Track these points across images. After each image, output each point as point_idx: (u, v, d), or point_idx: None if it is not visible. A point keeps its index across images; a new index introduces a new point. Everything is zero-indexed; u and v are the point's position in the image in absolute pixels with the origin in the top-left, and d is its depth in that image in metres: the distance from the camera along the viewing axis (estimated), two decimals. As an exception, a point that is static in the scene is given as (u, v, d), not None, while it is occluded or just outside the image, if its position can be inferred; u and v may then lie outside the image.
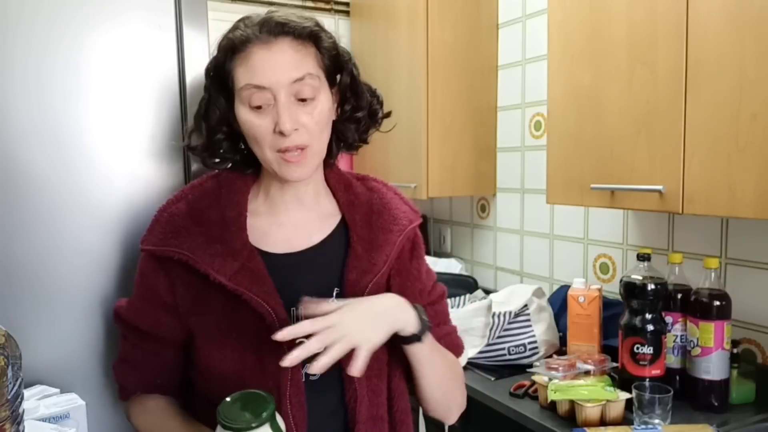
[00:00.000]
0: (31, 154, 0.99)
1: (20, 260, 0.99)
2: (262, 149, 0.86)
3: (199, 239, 0.86)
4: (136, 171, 1.08)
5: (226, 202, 0.90)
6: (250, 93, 0.83)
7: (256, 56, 0.83)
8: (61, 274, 1.02)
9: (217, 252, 0.85)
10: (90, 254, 1.04)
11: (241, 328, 0.85)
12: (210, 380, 0.87)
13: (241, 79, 0.84)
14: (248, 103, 0.84)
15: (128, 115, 1.07)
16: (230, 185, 0.92)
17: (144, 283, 0.91)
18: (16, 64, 0.97)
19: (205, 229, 0.87)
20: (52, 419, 0.92)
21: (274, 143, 0.84)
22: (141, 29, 1.07)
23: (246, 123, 0.85)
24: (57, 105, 1.00)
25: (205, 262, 0.84)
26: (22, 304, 0.99)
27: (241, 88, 0.84)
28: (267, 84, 0.83)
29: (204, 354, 0.87)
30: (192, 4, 1.11)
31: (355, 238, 0.92)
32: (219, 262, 0.84)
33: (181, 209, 0.90)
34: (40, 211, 1.00)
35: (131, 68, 1.06)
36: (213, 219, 0.88)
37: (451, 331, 1.06)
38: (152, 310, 0.90)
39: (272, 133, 0.84)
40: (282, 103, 0.83)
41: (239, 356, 0.85)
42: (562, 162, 1.60)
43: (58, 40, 1.00)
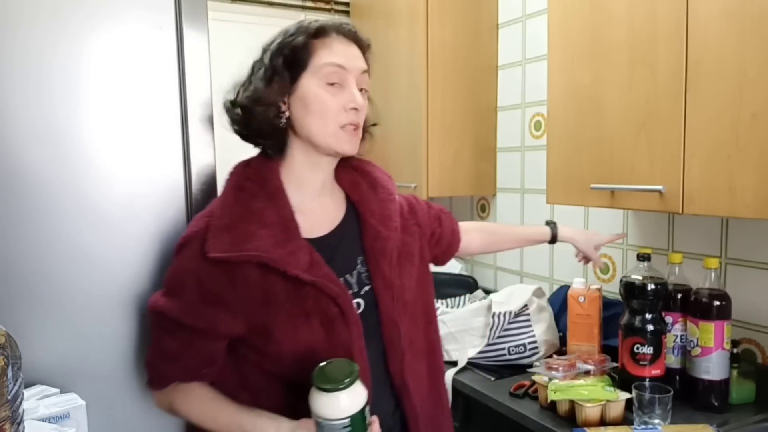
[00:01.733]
0: (31, 153, 0.99)
1: (20, 260, 0.99)
2: (325, 123, 0.99)
3: (269, 241, 0.95)
4: (136, 171, 1.08)
5: (277, 203, 1.00)
6: (331, 70, 0.98)
7: (338, 44, 0.99)
8: (60, 274, 1.02)
9: (290, 250, 0.96)
10: (90, 254, 1.04)
11: (311, 311, 0.97)
12: (284, 362, 0.98)
13: (323, 58, 0.98)
14: (325, 79, 0.98)
15: (128, 115, 1.07)
16: (270, 183, 1.02)
17: (201, 286, 0.96)
18: (16, 63, 0.97)
19: (270, 230, 0.96)
20: (52, 419, 0.92)
21: (339, 118, 0.99)
22: (141, 29, 1.07)
23: (318, 96, 0.98)
24: (56, 105, 1.00)
25: (283, 261, 0.95)
26: (22, 304, 0.99)
27: (323, 64, 0.98)
28: (347, 65, 0.99)
29: (278, 341, 0.97)
30: (192, 4, 1.11)
31: (367, 213, 1.09)
32: (294, 258, 0.96)
33: (239, 214, 0.98)
34: (39, 211, 1.00)
35: (131, 68, 1.06)
36: (273, 220, 0.98)
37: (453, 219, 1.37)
38: (211, 310, 0.97)
39: (341, 109, 0.98)
40: (353, 86, 0.99)
41: (311, 336, 0.98)
42: (562, 162, 1.60)
43: (57, 40, 1.00)
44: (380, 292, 1.05)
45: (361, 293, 1.05)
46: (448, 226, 1.34)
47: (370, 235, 1.07)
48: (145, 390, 1.09)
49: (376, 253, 1.06)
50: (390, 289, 1.06)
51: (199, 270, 0.96)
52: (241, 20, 2.47)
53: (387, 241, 1.08)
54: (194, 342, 0.99)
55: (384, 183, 1.14)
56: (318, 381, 0.87)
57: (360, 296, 1.05)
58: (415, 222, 1.19)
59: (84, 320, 1.04)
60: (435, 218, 1.30)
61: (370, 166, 1.17)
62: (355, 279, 1.05)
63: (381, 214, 1.09)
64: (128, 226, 1.07)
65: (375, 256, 1.06)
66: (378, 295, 1.05)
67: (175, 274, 1.00)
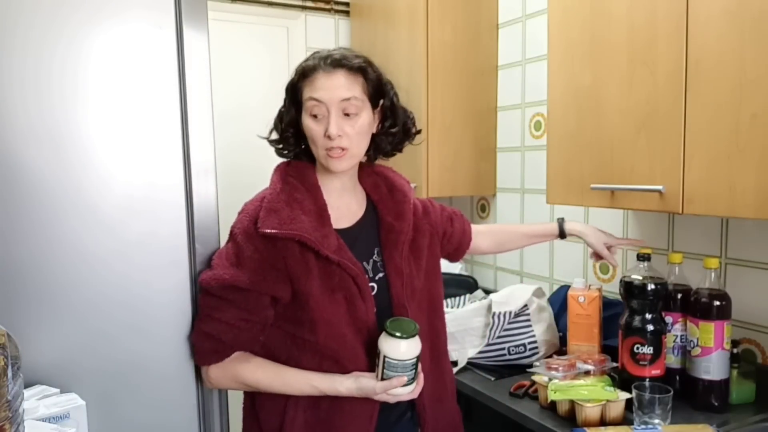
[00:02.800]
0: (30, 154, 0.99)
1: (20, 261, 0.99)
2: (316, 147, 1.19)
3: (309, 225, 1.15)
4: (136, 171, 1.08)
5: (314, 196, 1.20)
6: (312, 104, 1.16)
7: (320, 80, 1.16)
8: (60, 274, 1.02)
9: (324, 234, 1.16)
10: (90, 254, 1.04)
11: (337, 286, 1.16)
12: (317, 330, 1.16)
13: (306, 93, 1.17)
14: (309, 111, 1.17)
15: (128, 115, 1.07)
16: (308, 181, 1.21)
17: (260, 256, 1.14)
18: (15, 63, 0.97)
19: (308, 217, 1.16)
20: (52, 419, 0.92)
21: (323, 143, 1.17)
22: (141, 29, 1.07)
23: (306, 127, 1.18)
24: (56, 105, 1.00)
25: (318, 242, 1.14)
26: (22, 304, 0.99)
27: (305, 99, 1.17)
28: (324, 98, 1.15)
29: (312, 308, 1.15)
30: (192, 4, 1.11)
31: (384, 211, 1.28)
32: (326, 241, 1.15)
33: (284, 200, 1.17)
34: (39, 212, 1.00)
35: (131, 68, 1.06)
36: (311, 208, 1.18)
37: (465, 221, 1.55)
38: (271, 274, 1.14)
39: (323, 136, 1.15)
40: (332, 115, 1.15)
41: (337, 308, 1.16)
42: (562, 162, 1.60)
43: (57, 40, 1.00)
44: (392, 277, 1.23)
45: (376, 279, 1.23)
46: (459, 226, 1.50)
47: (385, 229, 1.26)
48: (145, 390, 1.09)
49: (390, 244, 1.25)
50: (400, 276, 1.23)
51: (256, 243, 1.14)
52: (241, 20, 2.47)
53: (399, 235, 1.26)
54: (258, 308, 1.15)
55: (400, 187, 1.33)
56: (394, 329, 1.12)
57: (374, 281, 1.22)
58: (428, 222, 1.36)
59: (84, 320, 1.04)
60: (447, 219, 1.48)
61: (391, 172, 1.37)
62: (371, 266, 1.23)
63: (396, 212, 1.28)
64: (128, 226, 1.07)
65: (389, 247, 1.25)
66: (390, 280, 1.23)
67: (235, 250, 1.15)
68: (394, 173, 1.38)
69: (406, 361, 1.13)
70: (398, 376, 1.13)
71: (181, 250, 1.13)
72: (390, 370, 1.12)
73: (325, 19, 2.67)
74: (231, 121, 2.23)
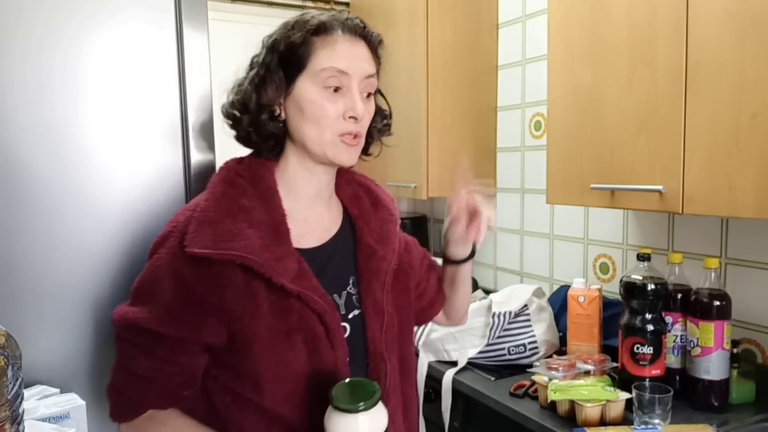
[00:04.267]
0: (31, 153, 0.99)
1: (20, 260, 0.99)
2: (321, 130, 0.90)
3: (257, 242, 0.86)
4: (136, 170, 1.08)
5: (268, 203, 0.91)
6: (330, 75, 0.88)
7: (342, 44, 0.90)
8: (60, 274, 1.02)
9: (279, 255, 0.87)
10: (90, 254, 1.04)
11: (294, 328, 0.87)
12: (261, 385, 0.87)
13: (323, 61, 0.88)
14: (323, 83, 0.88)
15: (128, 115, 1.07)
16: (263, 182, 0.92)
17: (183, 286, 0.85)
18: (16, 63, 0.97)
19: (258, 231, 0.87)
20: (52, 419, 0.92)
21: (337, 126, 0.89)
22: (141, 28, 1.07)
23: (315, 102, 0.89)
24: (56, 104, 1.00)
25: (269, 266, 0.85)
26: (22, 304, 0.99)
27: (322, 69, 0.88)
28: (349, 70, 0.89)
29: (256, 356, 0.86)
30: (192, 4, 1.11)
31: (365, 230, 1.00)
32: (282, 265, 0.86)
33: (226, 209, 0.88)
34: (39, 211, 1.00)
35: (131, 68, 1.06)
36: (263, 221, 0.88)
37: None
38: (195, 313, 0.86)
39: (339, 116, 0.89)
40: (355, 92, 0.90)
41: (293, 357, 0.88)
42: (562, 162, 1.60)
43: (57, 39, 1.00)
44: (369, 318, 0.96)
45: (349, 317, 0.95)
46: (435, 283, 1.19)
47: (364, 253, 0.98)
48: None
49: (370, 273, 0.97)
50: (380, 315, 0.96)
51: (179, 268, 0.85)
52: (241, 20, 2.47)
53: (382, 262, 0.98)
54: (175, 357, 0.86)
55: (386, 203, 1.06)
56: (336, 400, 0.79)
57: (347, 320, 0.94)
58: (408, 261, 1.09)
59: (84, 320, 1.04)
60: (427, 268, 1.18)
61: (374, 185, 1.09)
62: (344, 300, 0.95)
63: (379, 233, 1.01)
64: (128, 225, 1.07)
65: (368, 276, 0.97)
66: (366, 321, 0.96)
67: (150, 278, 0.88)
68: (378, 186, 1.10)
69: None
70: None
71: (181, 250, 1.13)
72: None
73: (325, 19, 2.67)
74: (231, 121, 2.23)
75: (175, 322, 0.86)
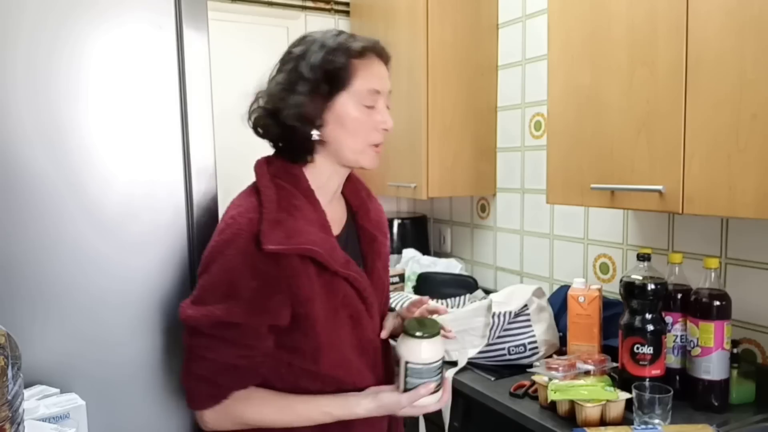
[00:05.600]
0: (32, 154, 0.99)
1: (20, 260, 0.99)
2: (356, 140, 1.05)
3: (317, 237, 1.01)
4: (136, 171, 1.08)
5: (312, 201, 1.05)
6: (369, 94, 1.04)
7: (377, 67, 1.05)
8: (61, 274, 1.02)
9: (330, 247, 1.03)
10: (90, 254, 1.04)
11: (341, 304, 1.05)
12: (321, 354, 1.03)
13: (365, 83, 1.03)
14: (362, 101, 1.04)
15: (128, 115, 1.07)
16: (301, 185, 1.06)
17: (263, 279, 0.98)
18: (17, 64, 0.97)
19: (312, 227, 1.02)
20: (52, 419, 0.92)
21: (370, 137, 1.06)
22: (141, 29, 1.07)
23: (354, 118, 1.04)
24: (57, 105, 1.00)
25: (329, 256, 1.01)
26: (22, 304, 0.99)
27: (363, 89, 1.03)
28: (381, 89, 1.05)
29: (317, 332, 1.02)
30: (192, 4, 1.11)
31: (365, 219, 1.17)
32: (335, 255, 1.03)
33: (285, 209, 1.01)
34: (40, 211, 1.00)
35: (131, 68, 1.06)
36: (312, 218, 1.03)
37: None
38: (274, 300, 0.99)
39: (373, 129, 1.05)
40: (385, 109, 1.07)
41: (342, 329, 1.06)
42: (562, 162, 1.60)
43: (58, 40, 1.00)
44: (375, 292, 1.12)
45: None
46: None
47: (366, 238, 1.16)
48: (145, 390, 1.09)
49: (373, 255, 1.15)
50: (382, 290, 1.15)
51: (256, 264, 0.97)
52: (241, 20, 2.47)
53: (382, 246, 1.16)
54: (258, 343, 1.00)
55: (375, 196, 1.24)
56: (414, 329, 1.00)
57: None
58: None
59: (84, 320, 1.04)
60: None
61: (361, 178, 1.25)
62: None
63: (376, 221, 1.19)
64: (128, 225, 1.07)
65: (372, 257, 1.14)
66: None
67: (226, 278, 0.98)
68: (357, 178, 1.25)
69: (432, 364, 1.00)
70: (424, 383, 0.99)
71: (181, 250, 1.13)
72: (414, 377, 0.99)
73: (325, 19, 2.67)
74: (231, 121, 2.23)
75: (261, 311, 0.98)
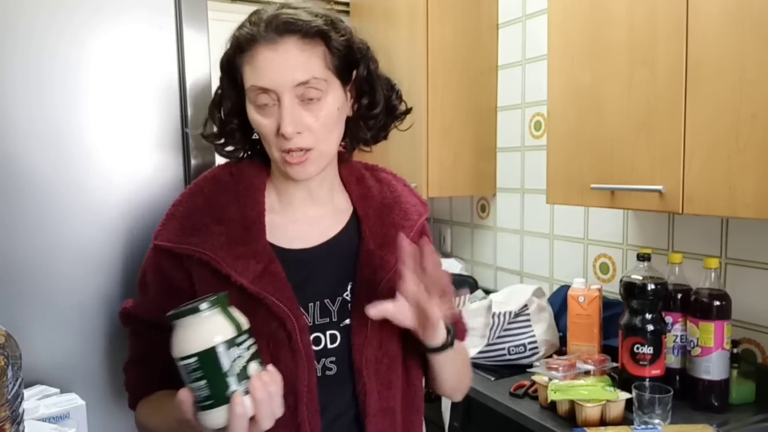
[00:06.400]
0: (31, 154, 0.99)
1: (20, 260, 0.99)
2: (269, 148, 0.86)
3: (220, 238, 0.84)
4: (136, 171, 1.08)
5: (246, 201, 0.88)
6: (256, 94, 0.83)
7: (261, 57, 0.82)
8: (61, 274, 1.02)
9: (240, 253, 0.84)
10: (90, 254, 1.04)
11: (257, 331, 0.80)
12: None
13: (248, 79, 0.84)
14: (253, 102, 0.84)
15: (128, 115, 1.07)
16: (247, 181, 0.91)
17: (162, 276, 0.88)
18: (16, 64, 0.97)
19: (225, 228, 0.85)
20: (52, 419, 0.92)
21: (278, 143, 0.84)
22: (141, 29, 1.07)
23: (253, 121, 0.86)
24: (57, 105, 1.00)
25: (228, 264, 0.83)
26: (22, 304, 0.99)
27: (248, 88, 0.84)
28: (271, 86, 0.82)
29: None
30: (192, 4, 1.11)
31: (368, 233, 0.93)
32: (242, 263, 0.83)
33: (198, 204, 0.88)
34: (40, 211, 1.00)
35: (131, 68, 1.06)
36: (233, 218, 0.86)
37: (459, 318, 1.06)
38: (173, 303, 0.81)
39: (275, 134, 0.84)
40: (285, 106, 0.82)
41: None
42: (562, 162, 1.60)
43: (57, 40, 1.00)
44: (354, 328, 0.88)
45: (341, 325, 0.89)
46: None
47: (363, 257, 0.91)
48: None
49: (364, 280, 0.90)
50: (363, 327, 0.87)
51: (159, 260, 0.87)
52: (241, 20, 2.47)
53: (379, 270, 0.90)
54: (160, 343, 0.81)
55: (405, 205, 0.98)
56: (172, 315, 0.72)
57: (339, 328, 0.88)
58: None
59: (84, 320, 1.04)
60: None
61: (401, 184, 1.02)
62: (338, 306, 0.89)
63: (384, 237, 0.93)
64: (128, 226, 1.07)
65: (362, 283, 0.90)
66: (353, 331, 0.88)
67: (141, 270, 0.92)
68: (405, 186, 1.03)
69: (183, 360, 0.70)
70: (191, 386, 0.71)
71: (181, 250, 1.13)
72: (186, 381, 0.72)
73: (325, 19, 2.67)
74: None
75: (157, 310, 0.83)
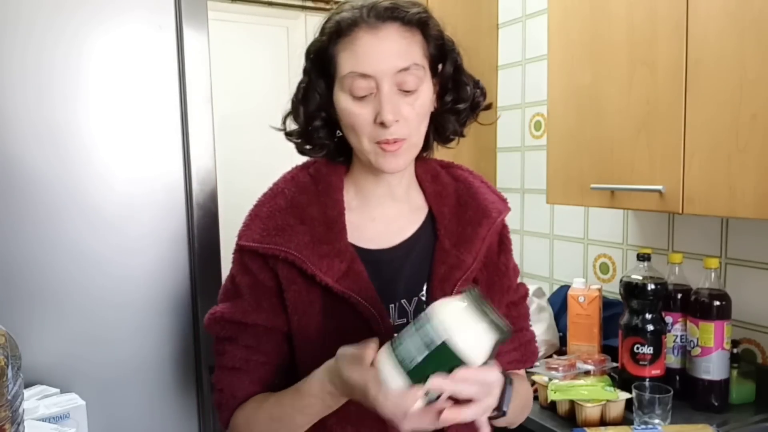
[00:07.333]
0: (31, 154, 0.99)
1: (20, 260, 0.99)
2: (359, 139, 0.83)
3: (304, 238, 0.83)
4: (136, 171, 1.08)
5: (326, 200, 0.87)
6: (353, 81, 0.80)
7: (362, 42, 0.79)
8: (60, 274, 1.02)
9: (324, 252, 0.83)
10: (90, 254, 1.04)
11: (342, 331, 0.81)
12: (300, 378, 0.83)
13: (346, 66, 0.80)
14: (350, 91, 0.81)
15: (128, 115, 1.07)
16: (326, 181, 0.89)
17: (252, 277, 0.86)
18: (16, 64, 0.97)
19: (308, 227, 0.84)
20: (52, 419, 0.92)
21: (373, 134, 0.81)
22: (141, 29, 1.07)
23: (345, 111, 0.82)
24: (57, 105, 1.00)
25: (313, 263, 0.82)
26: (22, 304, 0.99)
27: (344, 75, 0.81)
28: (372, 72, 0.79)
29: (302, 354, 0.85)
30: (192, 4, 1.11)
31: (442, 231, 0.90)
32: (327, 262, 0.83)
33: (281, 205, 0.86)
34: (39, 212, 1.00)
35: (131, 68, 1.06)
36: (315, 217, 0.85)
37: (531, 339, 1.03)
38: (269, 302, 0.85)
39: (372, 123, 0.81)
40: (385, 94, 0.79)
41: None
42: (562, 162, 1.60)
43: (58, 41, 1.00)
44: None
45: None
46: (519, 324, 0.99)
47: (438, 257, 0.89)
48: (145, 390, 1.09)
49: (439, 280, 0.87)
50: None
51: (246, 262, 0.86)
52: (241, 20, 2.47)
53: (455, 269, 0.88)
54: (261, 345, 0.86)
55: (483, 203, 0.94)
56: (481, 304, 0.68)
57: None
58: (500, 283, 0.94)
59: (84, 320, 1.04)
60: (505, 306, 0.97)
61: (479, 181, 0.99)
62: (414, 307, 0.87)
63: (460, 236, 0.90)
64: (128, 225, 1.07)
65: (437, 284, 0.87)
66: None
67: (229, 275, 0.90)
68: (483, 183, 0.99)
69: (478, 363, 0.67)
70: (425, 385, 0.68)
71: (181, 250, 1.13)
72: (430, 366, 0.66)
73: (325, 19, 2.67)
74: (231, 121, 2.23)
75: (255, 311, 0.85)
